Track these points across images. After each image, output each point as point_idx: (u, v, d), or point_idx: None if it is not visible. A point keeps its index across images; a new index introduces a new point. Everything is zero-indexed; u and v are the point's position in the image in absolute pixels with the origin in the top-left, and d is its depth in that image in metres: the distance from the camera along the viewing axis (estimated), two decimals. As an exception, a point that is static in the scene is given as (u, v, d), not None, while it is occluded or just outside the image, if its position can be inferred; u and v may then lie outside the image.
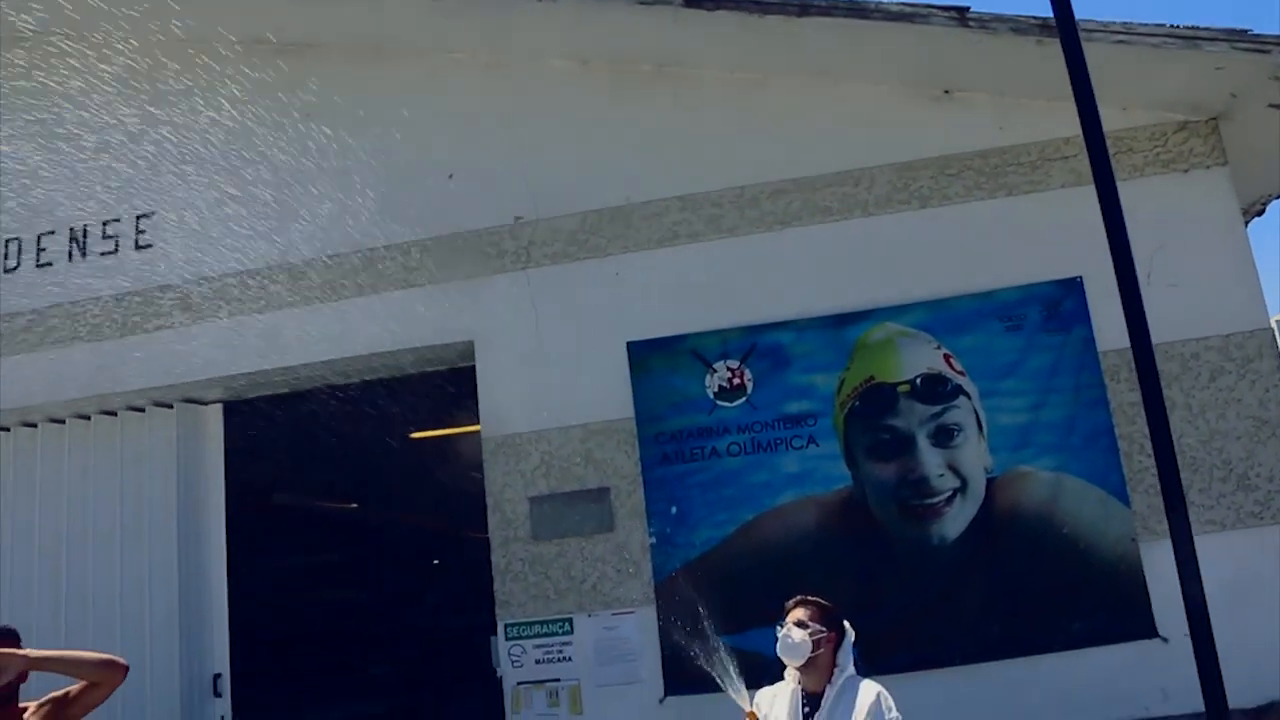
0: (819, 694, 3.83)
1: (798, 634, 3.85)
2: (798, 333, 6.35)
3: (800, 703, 3.85)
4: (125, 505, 7.43)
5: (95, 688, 3.89)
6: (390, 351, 6.85)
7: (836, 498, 6.19)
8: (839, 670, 3.86)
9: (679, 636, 6.07)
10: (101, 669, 3.92)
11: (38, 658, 3.84)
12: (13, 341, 7.61)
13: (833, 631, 3.92)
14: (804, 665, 3.86)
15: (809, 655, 3.83)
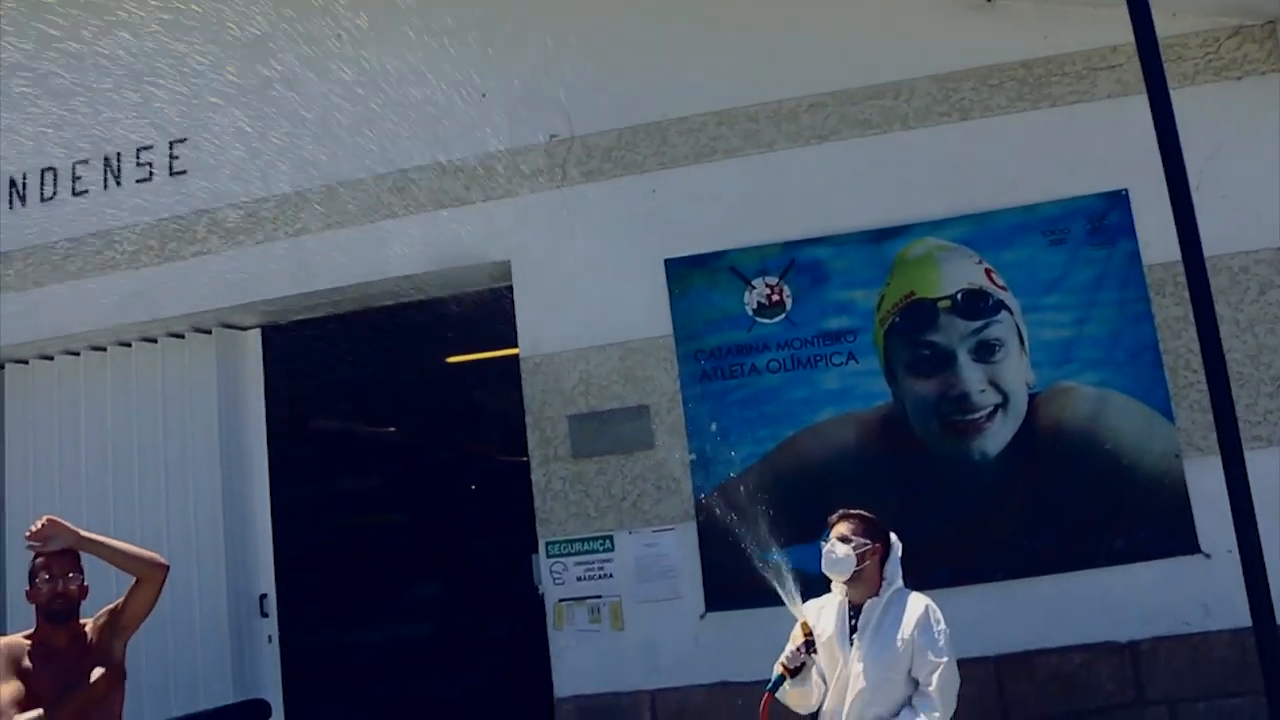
0: (865, 605, 3.81)
1: (841, 549, 3.82)
2: (837, 248, 6.27)
3: (847, 615, 3.83)
4: (168, 431, 7.50)
5: (141, 588, 3.94)
6: (426, 273, 6.83)
7: (876, 414, 6.15)
8: (886, 583, 3.84)
9: (719, 553, 6.12)
10: (143, 563, 3.97)
11: (85, 537, 3.89)
12: (53, 270, 7.66)
13: (877, 543, 3.89)
14: (850, 579, 3.84)
15: (854, 569, 3.80)
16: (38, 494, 7.65)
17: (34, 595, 3.86)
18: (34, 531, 3.81)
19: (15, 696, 3.59)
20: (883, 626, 3.74)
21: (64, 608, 3.85)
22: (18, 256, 7.75)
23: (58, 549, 3.83)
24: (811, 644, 3.75)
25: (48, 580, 3.83)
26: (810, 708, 3.83)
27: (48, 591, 3.83)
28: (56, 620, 3.84)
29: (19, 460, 7.84)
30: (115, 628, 3.93)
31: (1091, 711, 5.75)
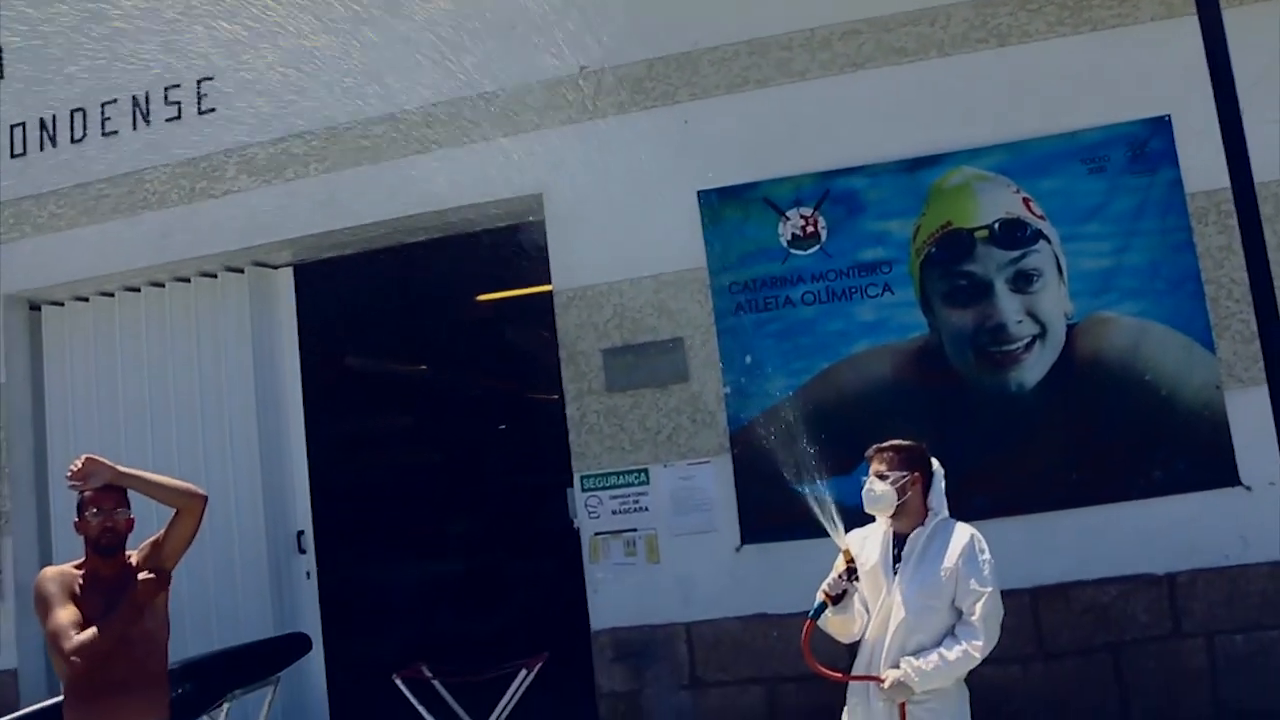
0: (910, 535, 3.77)
1: (880, 486, 3.77)
2: (872, 178, 6.19)
3: (891, 544, 3.80)
4: (204, 370, 7.56)
5: (180, 519, 3.98)
6: (458, 207, 6.79)
7: (912, 346, 6.10)
8: (932, 513, 3.78)
9: (755, 485, 6.12)
10: (182, 495, 4.01)
11: (123, 472, 3.92)
12: (85, 212, 7.68)
13: (917, 473, 3.82)
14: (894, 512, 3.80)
15: (896, 503, 3.76)
16: (77, 434, 7.74)
17: (83, 528, 3.91)
18: (74, 470, 3.85)
19: (75, 619, 3.67)
20: (927, 555, 3.70)
21: (112, 541, 3.90)
22: (50, 199, 7.78)
23: (98, 485, 3.86)
24: (854, 572, 3.72)
25: (96, 514, 3.88)
26: (853, 636, 3.81)
27: (97, 525, 3.88)
28: (105, 553, 3.89)
29: (58, 401, 7.93)
30: (157, 559, 3.98)
31: (1128, 643, 5.75)
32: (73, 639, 3.61)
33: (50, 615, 3.70)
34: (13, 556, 7.70)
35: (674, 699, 6.19)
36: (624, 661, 6.23)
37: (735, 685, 6.12)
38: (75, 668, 3.62)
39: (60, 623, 3.66)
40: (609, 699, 6.27)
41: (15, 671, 7.55)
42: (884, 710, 3.63)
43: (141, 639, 3.80)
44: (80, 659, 3.59)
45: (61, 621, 3.66)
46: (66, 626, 3.64)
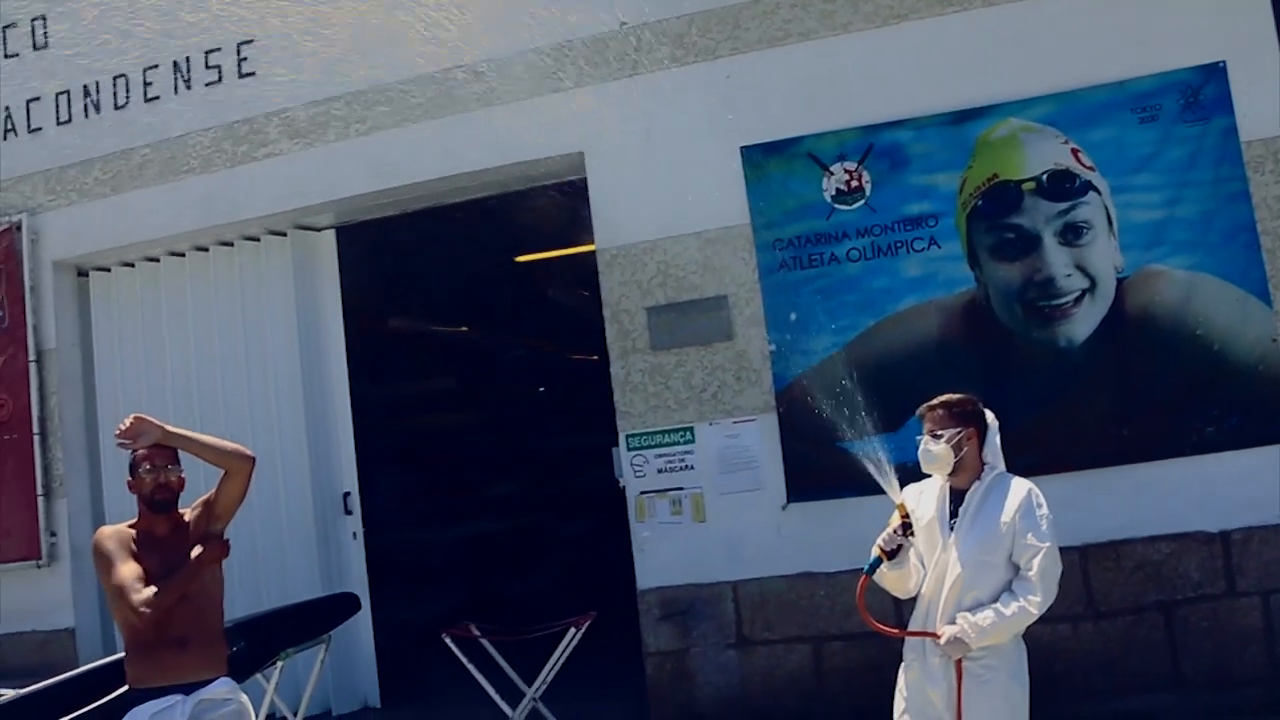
0: (968, 491, 3.72)
1: (936, 445, 3.71)
2: (916, 131, 6.09)
3: (948, 499, 3.75)
4: (248, 333, 7.63)
5: (229, 480, 4.00)
6: (499, 167, 6.78)
7: (959, 301, 6.02)
8: (989, 467, 3.73)
9: (800, 443, 6.09)
10: (230, 456, 4.03)
11: (171, 431, 3.94)
12: (130, 177, 7.74)
13: (971, 428, 3.76)
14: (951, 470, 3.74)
15: (954, 461, 3.71)
16: (125, 398, 7.83)
17: (137, 486, 3.95)
18: (123, 429, 3.87)
19: (138, 574, 3.72)
20: (983, 510, 3.64)
21: (166, 497, 3.94)
22: (96, 165, 7.84)
23: (147, 444, 3.89)
24: (909, 526, 3.68)
25: (149, 471, 3.91)
26: (909, 592, 3.77)
27: (150, 482, 3.92)
28: (159, 509, 3.93)
29: (107, 365, 8.03)
30: (209, 519, 4.01)
31: (1180, 602, 5.68)
32: (141, 592, 3.66)
33: (113, 571, 3.75)
34: (67, 518, 7.84)
35: (720, 658, 6.21)
36: (670, 620, 6.25)
37: (782, 644, 6.13)
38: (144, 619, 3.66)
39: (125, 578, 3.70)
40: (655, 658, 6.30)
41: (73, 630, 7.71)
42: (940, 666, 3.60)
43: (198, 595, 3.84)
44: (149, 610, 3.64)
45: (126, 577, 3.70)
46: (132, 581, 3.69)
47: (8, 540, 7.89)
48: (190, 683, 3.79)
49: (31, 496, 7.85)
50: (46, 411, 7.90)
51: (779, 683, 6.12)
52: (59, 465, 7.88)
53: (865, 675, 5.96)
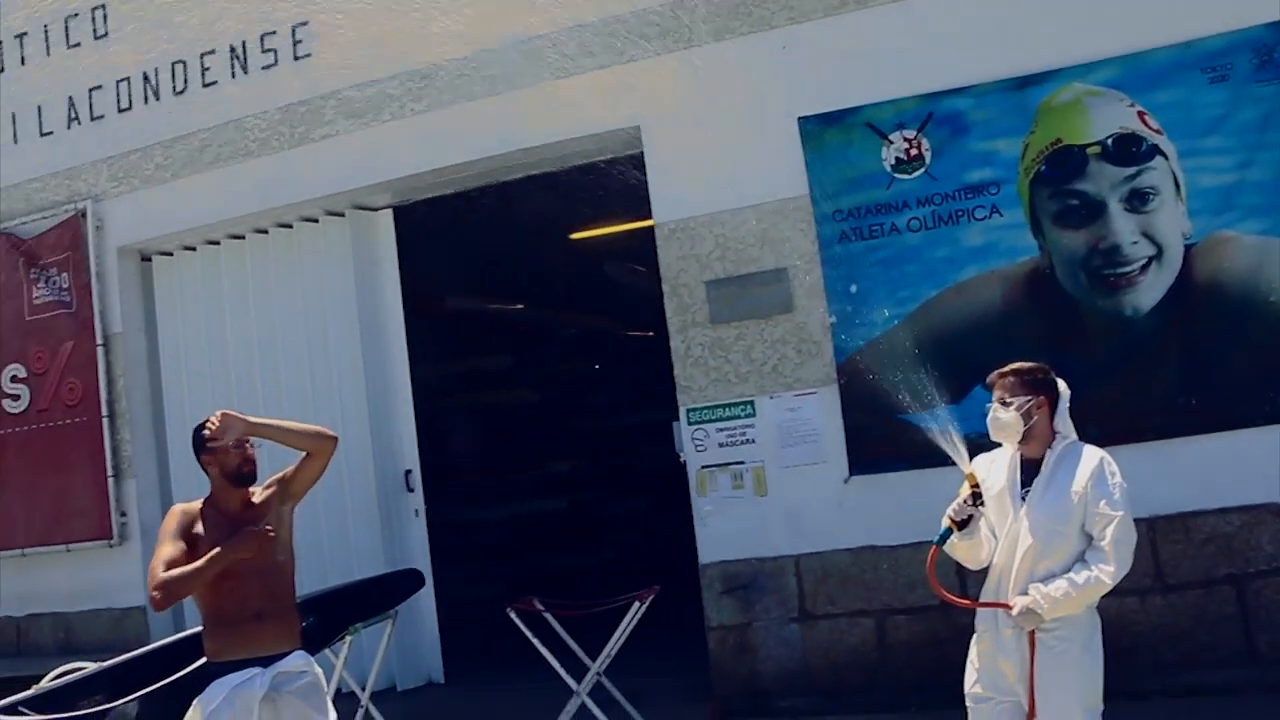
0: (1039, 460, 3.67)
1: (1005, 413, 3.65)
2: (977, 99, 5.98)
3: (1019, 469, 3.70)
4: (309, 314, 7.71)
5: (310, 460, 4.06)
6: (556, 143, 6.78)
7: (1022, 270, 5.91)
8: (1059, 436, 3.67)
9: (862, 416, 6.05)
10: (314, 439, 4.09)
11: (256, 423, 4.01)
12: (189, 162, 7.85)
13: (1042, 396, 3.69)
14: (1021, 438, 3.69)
15: (1022, 429, 3.66)
16: (190, 380, 7.98)
17: (224, 460, 3.96)
18: (214, 429, 3.91)
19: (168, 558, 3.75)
20: (1055, 480, 3.58)
21: (252, 470, 4.01)
22: (156, 151, 7.95)
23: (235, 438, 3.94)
24: (979, 496, 3.63)
25: (236, 446, 3.96)
26: (980, 563, 3.72)
27: (238, 456, 3.97)
28: (242, 483, 4.00)
29: (171, 347, 8.17)
30: (283, 495, 4.07)
31: (1251, 575, 5.56)
32: (156, 576, 3.71)
33: (155, 551, 3.83)
34: (136, 499, 8.00)
35: (783, 631, 6.20)
36: (732, 595, 6.25)
37: (845, 618, 6.11)
38: (155, 604, 3.74)
39: (155, 561, 3.77)
40: (718, 632, 6.31)
41: (144, 608, 7.86)
42: (1013, 638, 3.55)
43: (272, 570, 3.89)
44: (159, 594, 3.70)
45: (157, 560, 3.77)
46: (156, 564, 3.75)
47: (80, 520, 8.08)
48: (268, 655, 3.85)
49: (102, 477, 8.03)
50: (114, 394, 8.07)
51: (841, 657, 6.10)
52: (127, 447, 8.04)
53: (928, 649, 5.93)
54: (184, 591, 3.75)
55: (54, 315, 8.27)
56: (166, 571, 3.71)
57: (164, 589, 3.69)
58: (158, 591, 3.68)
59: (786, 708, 6.13)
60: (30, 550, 8.27)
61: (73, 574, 8.16)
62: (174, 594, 3.73)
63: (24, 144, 8.44)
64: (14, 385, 8.39)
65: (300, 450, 4.08)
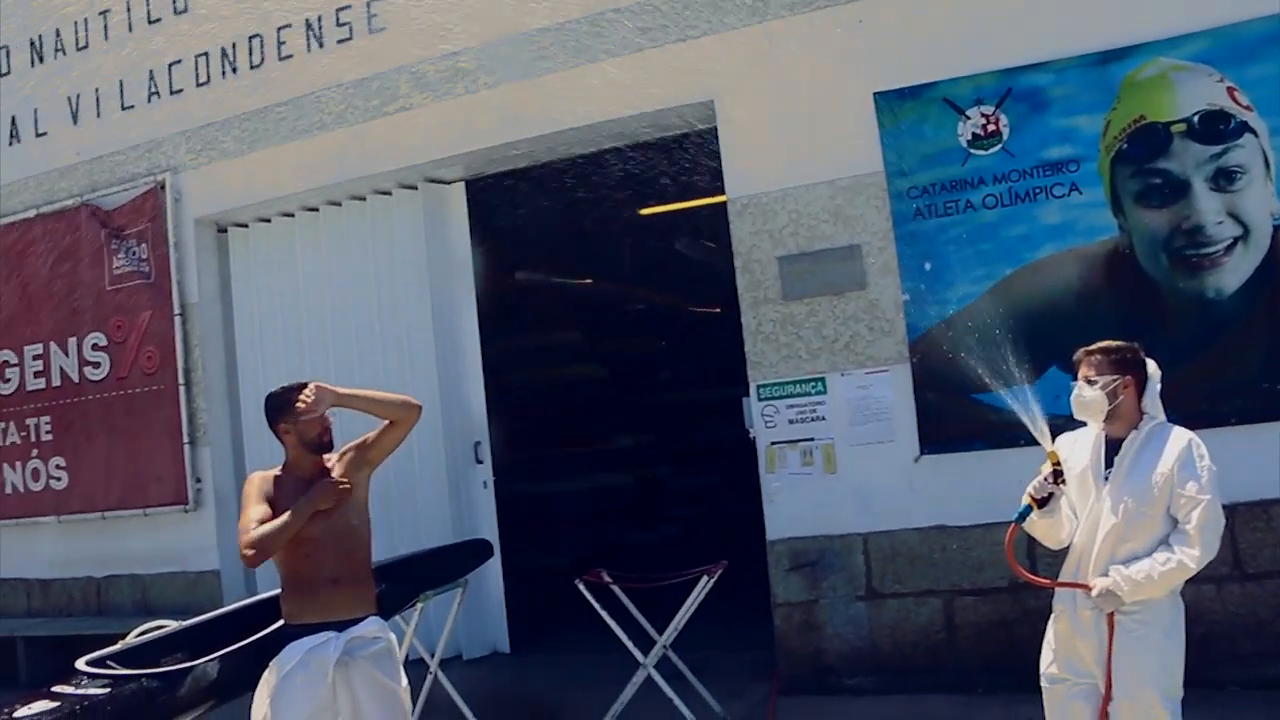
0: (1124, 441, 3.60)
1: (1089, 391, 3.59)
2: (1058, 74, 5.84)
3: (1103, 449, 3.64)
4: (381, 285, 7.77)
5: (393, 428, 4.12)
6: (628, 117, 6.75)
7: (1101, 249, 5.78)
8: (1147, 417, 3.60)
9: (934, 394, 5.99)
10: (400, 407, 4.15)
11: (345, 393, 4.08)
12: (265, 135, 7.94)
13: (1129, 376, 3.62)
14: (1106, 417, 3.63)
15: (1106, 408, 3.59)
16: (264, 350, 8.11)
17: (305, 430, 4.03)
18: (308, 405, 3.96)
19: (257, 518, 3.85)
20: (1140, 461, 3.52)
21: (330, 440, 4.09)
22: (234, 124, 8.06)
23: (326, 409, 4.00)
24: (1060, 474, 3.57)
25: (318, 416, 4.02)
26: (1060, 542, 3.67)
27: (319, 425, 4.03)
28: (320, 451, 4.07)
29: (246, 318, 8.29)
30: (360, 462, 4.12)
31: (1334, 566, 5.44)
32: (248, 534, 3.80)
33: (241, 515, 3.92)
34: (211, 465, 8.16)
35: (849, 609, 6.18)
36: (800, 572, 6.23)
37: (913, 597, 6.07)
38: (247, 561, 3.82)
39: (244, 522, 3.87)
40: (784, 609, 6.30)
41: (218, 572, 8.05)
42: (1091, 620, 3.50)
43: (347, 534, 3.95)
44: (252, 552, 3.78)
45: (245, 521, 3.86)
46: (245, 526, 3.84)
47: (157, 485, 8.27)
48: (342, 620, 3.92)
49: (178, 444, 8.20)
50: (191, 363, 8.22)
51: (908, 636, 6.07)
52: (203, 415, 8.20)
53: (996, 631, 5.88)
54: (273, 548, 3.81)
55: (133, 285, 8.44)
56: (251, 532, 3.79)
57: (256, 546, 3.77)
58: (250, 549, 3.77)
59: (851, 686, 6.10)
60: (110, 514, 8.49)
61: (149, 537, 8.36)
62: (265, 550, 3.81)
63: (107, 118, 8.61)
64: (95, 353, 8.58)
65: (385, 419, 4.13)
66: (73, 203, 8.70)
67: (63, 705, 3.58)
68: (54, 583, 8.82)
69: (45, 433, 8.82)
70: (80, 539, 8.69)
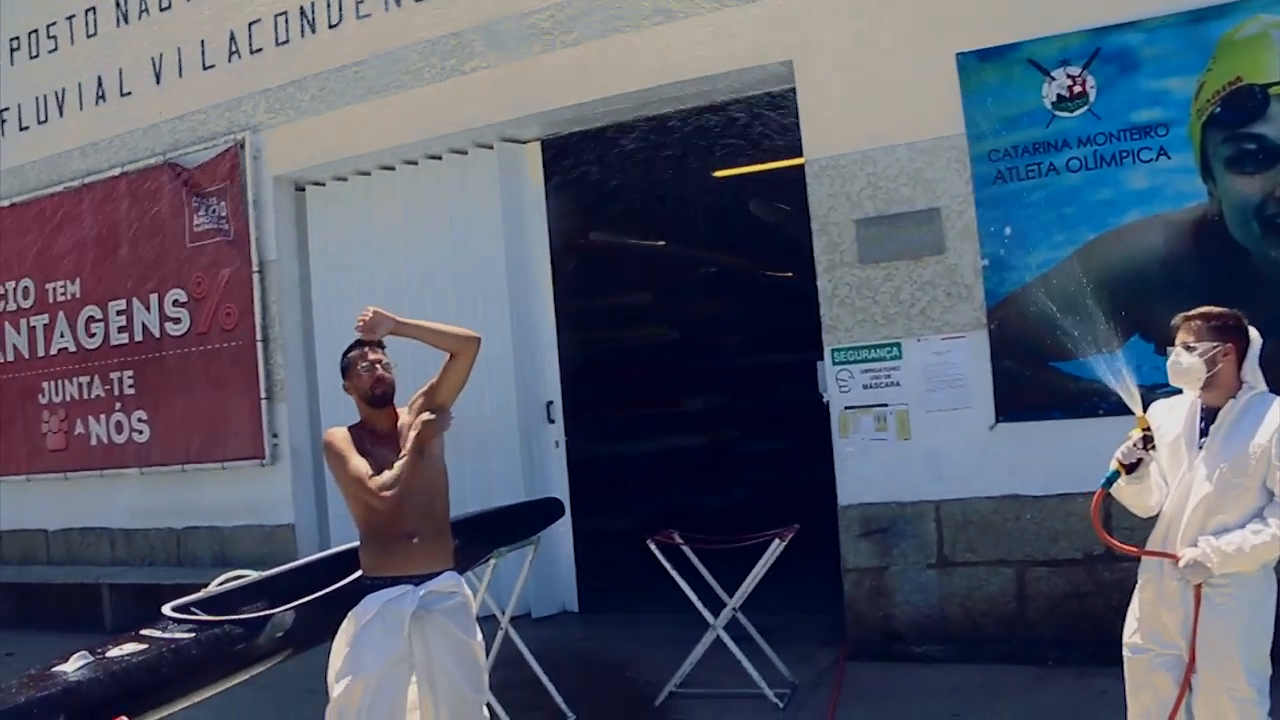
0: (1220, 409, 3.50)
1: (1186, 358, 3.48)
2: (1149, 33, 5.66)
3: (1198, 417, 3.55)
4: (456, 244, 7.83)
5: (454, 362, 4.12)
6: (706, 77, 6.69)
7: (1189, 216, 5.61)
8: (1246, 386, 3.49)
9: (1012, 361, 5.90)
10: (458, 339, 4.15)
11: (403, 321, 4.09)
12: (343, 94, 8.00)
13: (1229, 343, 3.51)
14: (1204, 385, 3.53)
15: (1205, 376, 3.49)
16: (339, 307, 8.16)
17: (356, 384, 4.10)
18: (364, 321, 4.01)
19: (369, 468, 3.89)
20: (1237, 431, 3.40)
21: (384, 390, 4.09)
22: (311, 83, 8.13)
23: (383, 335, 4.04)
24: (1149, 440, 3.49)
25: (367, 367, 4.07)
26: (1149, 510, 3.59)
27: (369, 378, 4.07)
28: (378, 404, 4.09)
29: (322, 275, 8.40)
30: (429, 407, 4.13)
31: None
32: (377, 479, 3.84)
33: (347, 466, 3.91)
34: (287, 421, 8.30)
35: (920, 577, 6.13)
36: (870, 538, 6.20)
37: (984, 566, 6.00)
38: (386, 503, 3.83)
39: (359, 471, 3.88)
40: (854, 574, 6.27)
41: (292, 526, 8.21)
42: (1177, 591, 3.42)
43: (425, 488, 3.98)
44: (389, 493, 3.81)
45: (360, 470, 3.88)
46: (359, 476, 3.87)
47: (235, 439, 8.44)
48: (420, 574, 3.95)
49: (255, 400, 8.36)
50: (268, 320, 8.36)
51: (979, 605, 6.01)
52: (279, 370, 8.34)
53: (1069, 603, 5.81)
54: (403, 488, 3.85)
55: (213, 242, 8.58)
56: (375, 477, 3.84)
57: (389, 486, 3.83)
58: (388, 491, 3.82)
59: (920, 654, 6.07)
60: (189, 466, 8.69)
61: (227, 490, 8.55)
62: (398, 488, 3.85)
63: (189, 77, 8.73)
64: (175, 309, 8.76)
65: (445, 351, 4.15)
66: (155, 161, 8.84)
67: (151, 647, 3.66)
68: (136, 533, 9.07)
69: (128, 386, 9.04)
70: (160, 491, 8.91)
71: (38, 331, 9.58)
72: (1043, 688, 5.46)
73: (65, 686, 3.25)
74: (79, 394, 9.32)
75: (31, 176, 9.64)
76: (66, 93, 9.41)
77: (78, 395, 9.33)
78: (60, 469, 9.46)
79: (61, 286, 9.42)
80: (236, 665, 3.93)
